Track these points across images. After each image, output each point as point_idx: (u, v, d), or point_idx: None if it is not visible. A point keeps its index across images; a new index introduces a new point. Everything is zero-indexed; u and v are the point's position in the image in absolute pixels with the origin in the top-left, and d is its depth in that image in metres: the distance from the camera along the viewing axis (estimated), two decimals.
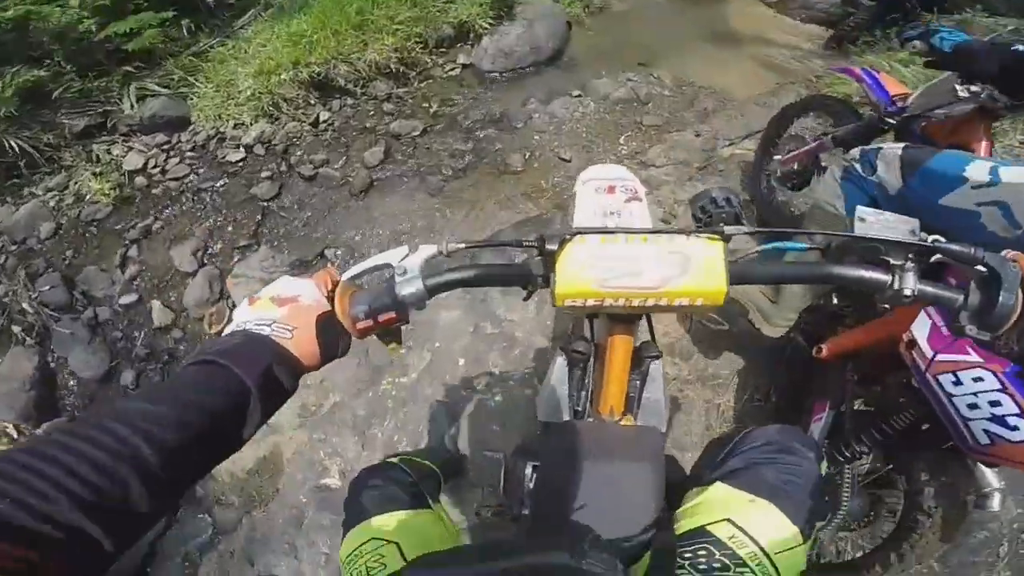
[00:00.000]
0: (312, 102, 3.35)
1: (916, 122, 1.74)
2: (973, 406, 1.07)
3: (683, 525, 0.72)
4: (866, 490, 1.47)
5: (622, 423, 0.90)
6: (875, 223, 0.62)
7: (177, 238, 2.83)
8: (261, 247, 2.72)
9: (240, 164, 3.11)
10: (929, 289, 0.59)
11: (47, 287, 2.77)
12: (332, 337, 0.64)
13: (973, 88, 1.52)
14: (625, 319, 0.82)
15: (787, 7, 4.92)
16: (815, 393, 1.55)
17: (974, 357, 1.06)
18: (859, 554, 1.51)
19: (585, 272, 0.64)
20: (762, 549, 0.65)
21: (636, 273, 0.64)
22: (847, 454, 1.36)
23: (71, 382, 2.64)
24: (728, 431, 0.91)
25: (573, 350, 0.98)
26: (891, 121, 1.80)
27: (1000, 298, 0.54)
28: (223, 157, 3.12)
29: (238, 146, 3.19)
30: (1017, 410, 1.01)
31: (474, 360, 2.25)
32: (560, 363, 1.04)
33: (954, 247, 0.58)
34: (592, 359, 1.03)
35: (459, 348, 2.28)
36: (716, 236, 0.64)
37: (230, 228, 2.82)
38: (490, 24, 3.73)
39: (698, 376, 2.16)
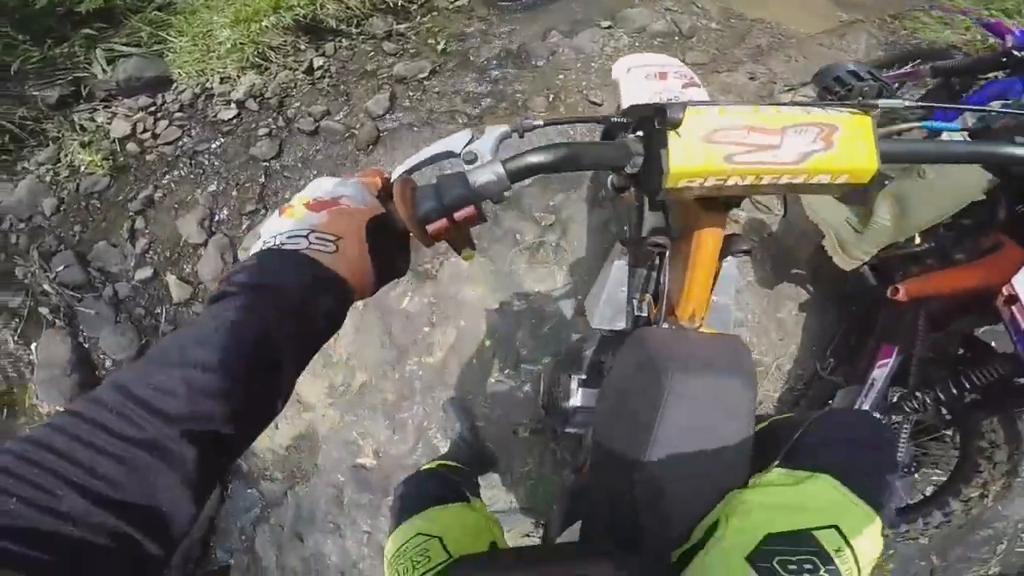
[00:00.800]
0: (302, 47, 3.05)
1: None
2: None
3: (780, 520, 0.60)
4: (913, 440, 1.45)
5: (702, 330, 0.80)
6: None
7: (182, 206, 2.73)
8: (268, 212, 2.61)
9: (234, 122, 2.91)
10: None
11: (62, 266, 2.72)
12: (389, 249, 0.52)
13: None
14: (720, 206, 0.71)
15: None
16: (881, 335, 1.50)
17: None
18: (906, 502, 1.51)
19: (708, 145, 0.55)
20: (859, 567, 0.59)
21: (772, 147, 0.55)
22: (912, 404, 1.31)
23: (107, 362, 2.65)
24: (798, 414, 0.84)
25: (652, 243, 0.83)
26: (1017, 54, 1.55)
27: None
28: (215, 116, 2.92)
29: (229, 102, 2.97)
30: None
31: (501, 340, 2.22)
32: (619, 264, 0.95)
33: None
34: (662, 257, 0.91)
35: (486, 328, 2.24)
36: (865, 111, 0.57)
37: (234, 193, 2.69)
38: None
39: (757, 323, 2.13)
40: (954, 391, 1.25)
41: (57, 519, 0.33)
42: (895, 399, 1.37)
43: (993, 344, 1.29)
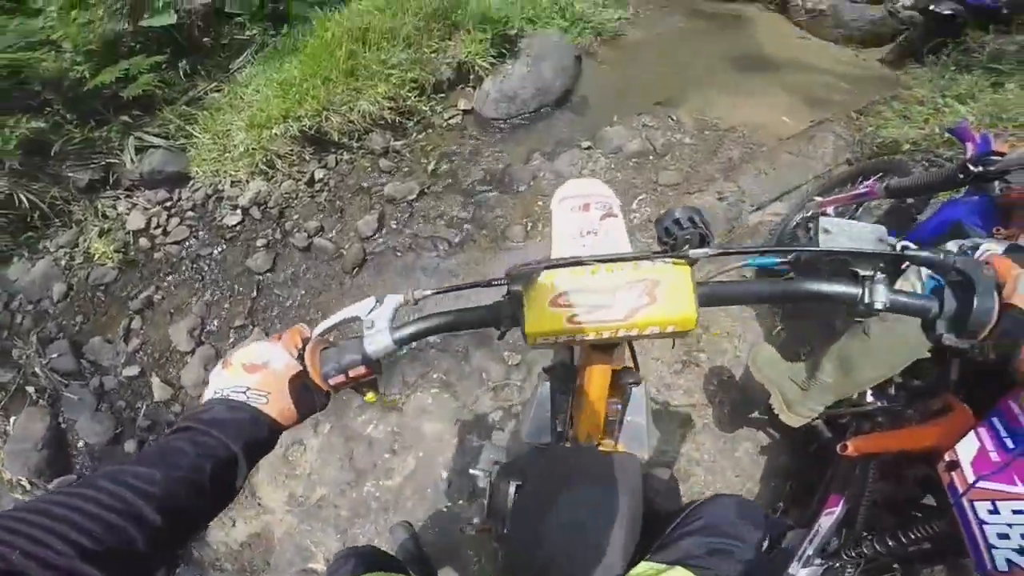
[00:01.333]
0: (307, 158, 3.25)
1: (1000, 184, 1.50)
2: (1004, 536, 1.05)
3: None
4: None
5: (601, 447, 0.91)
6: (840, 234, 0.62)
7: (177, 312, 2.86)
8: (255, 329, 2.73)
9: (237, 228, 3.08)
10: (901, 299, 0.57)
11: (56, 354, 2.88)
12: (307, 395, 0.68)
13: None
14: (602, 347, 0.81)
15: (819, 27, 4.54)
16: (831, 485, 1.51)
17: (1021, 488, 1.02)
18: None
19: (552, 310, 0.65)
20: None
21: (604, 306, 0.64)
22: (856, 552, 1.33)
23: (80, 444, 2.76)
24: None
25: (554, 376, 0.99)
26: (972, 169, 1.49)
27: (975, 304, 0.52)
28: (221, 220, 3.09)
29: (235, 207, 3.15)
30: None
31: (458, 473, 2.26)
32: (544, 388, 1.07)
33: (924, 253, 0.57)
34: (573, 384, 1.01)
35: (443, 461, 2.29)
36: (681, 260, 0.64)
37: (227, 305, 2.82)
38: (492, 63, 3.49)
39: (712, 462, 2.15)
40: (901, 539, 1.25)
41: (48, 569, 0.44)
42: (838, 546, 1.38)
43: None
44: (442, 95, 3.54)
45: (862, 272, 0.57)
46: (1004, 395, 1.10)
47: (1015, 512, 1.01)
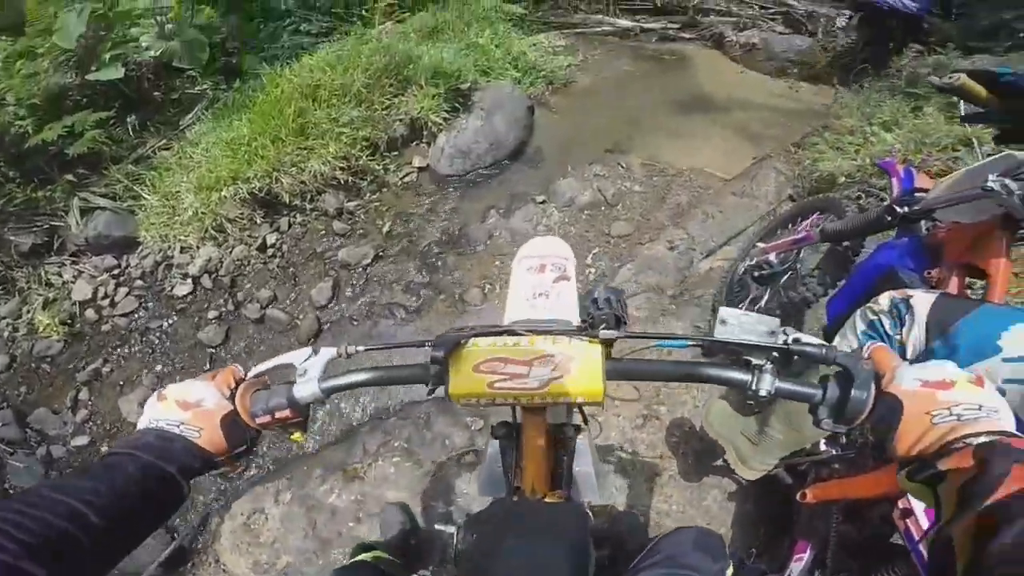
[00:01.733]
0: (258, 221, 3.21)
1: (925, 223, 1.49)
2: None
3: None
4: None
5: (548, 499, 0.94)
6: (736, 325, 0.67)
7: (127, 384, 2.79)
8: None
9: (188, 299, 3.02)
10: (787, 387, 0.63)
11: (1, 423, 2.79)
12: (237, 430, 0.73)
13: (1010, 182, 1.13)
14: (532, 408, 0.85)
15: (753, 60, 4.79)
16: (797, 532, 1.54)
17: None
18: None
19: (475, 375, 0.71)
20: None
21: (521, 375, 0.70)
22: None
23: None
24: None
25: (499, 433, 1.03)
26: (898, 210, 1.46)
27: (852, 394, 0.58)
28: (171, 289, 3.03)
29: (186, 276, 3.08)
30: None
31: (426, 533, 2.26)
32: (494, 444, 1.11)
33: (809, 348, 0.63)
34: (517, 440, 1.06)
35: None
36: (595, 339, 0.70)
37: (178, 377, 2.75)
38: (445, 118, 3.51)
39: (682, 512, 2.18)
40: None
41: None
42: None
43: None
44: (396, 153, 3.55)
45: (754, 361, 0.64)
46: None
47: None
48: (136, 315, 2.99)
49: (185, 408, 0.72)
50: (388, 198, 3.38)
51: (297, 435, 0.79)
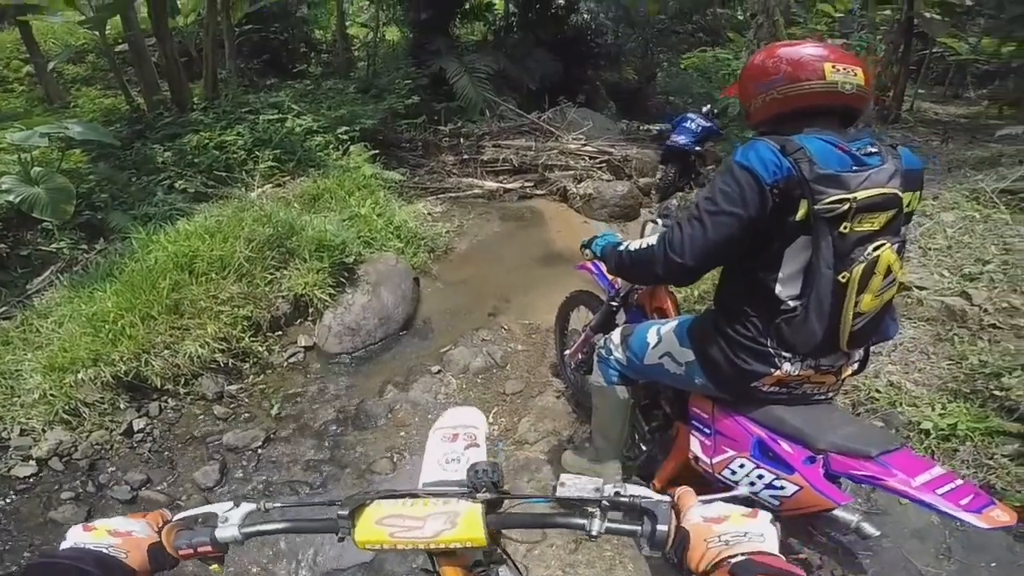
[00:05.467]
0: (122, 406, 2.91)
1: (630, 296, 2.27)
2: (752, 483, 1.42)
3: None
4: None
5: None
6: (571, 486, 0.84)
7: None
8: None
9: (32, 480, 2.61)
10: (614, 526, 0.81)
11: None
12: (161, 557, 0.84)
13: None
14: (450, 552, 0.95)
15: (591, 209, 5.91)
16: None
17: (730, 452, 1.48)
18: None
19: (377, 527, 0.86)
20: None
21: (417, 528, 0.85)
22: None
23: None
24: None
25: (423, 573, 1.10)
26: (614, 304, 2.30)
27: (657, 529, 0.77)
28: (8, 470, 2.61)
29: (28, 458, 2.71)
30: (775, 476, 1.37)
31: None
32: None
33: (623, 499, 0.81)
34: None
35: None
36: (476, 501, 0.88)
37: (26, 554, 2.33)
38: (331, 295, 3.57)
39: None
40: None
41: None
42: None
43: None
44: (280, 332, 3.49)
45: (589, 509, 0.83)
46: (686, 406, 1.68)
47: (740, 466, 1.45)
48: None
49: (115, 535, 0.81)
50: (274, 379, 3.28)
51: (216, 567, 0.91)
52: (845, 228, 1.27)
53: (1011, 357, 2.43)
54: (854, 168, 1.27)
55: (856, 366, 1.52)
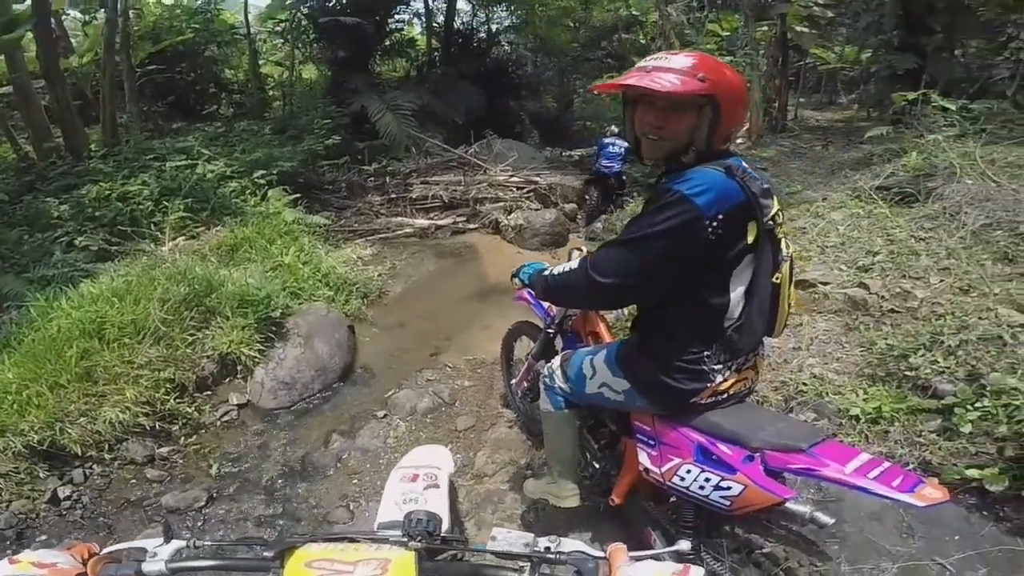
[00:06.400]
0: (41, 475, 2.63)
1: (565, 322, 2.30)
2: (701, 487, 1.43)
3: None
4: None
5: None
6: (503, 540, 0.86)
7: None
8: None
9: None
10: None
11: None
12: None
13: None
14: None
15: (523, 239, 6.08)
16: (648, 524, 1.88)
17: (675, 460, 1.50)
18: None
19: (306, 569, 0.82)
20: None
21: (347, 573, 0.81)
22: None
23: None
24: None
25: None
26: (550, 331, 2.34)
27: None
28: None
29: None
30: (720, 478, 1.39)
31: None
32: None
33: (551, 555, 0.82)
34: None
35: None
36: (410, 549, 0.86)
37: None
38: (260, 351, 3.38)
39: None
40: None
41: None
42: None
43: None
44: (208, 392, 3.27)
45: (521, 563, 0.83)
46: (629, 421, 1.70)
47: (688, 472, 1.46)
48: None
49: (40, 567, 0.80)
50: (208, 439, 3.06)
51: None
52: (779, 234, 1.35)
53: (912, 338, 2.62)
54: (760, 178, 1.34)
55: (763, 354, 1.62)
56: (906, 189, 4.12)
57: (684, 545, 1.39)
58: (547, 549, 0.84)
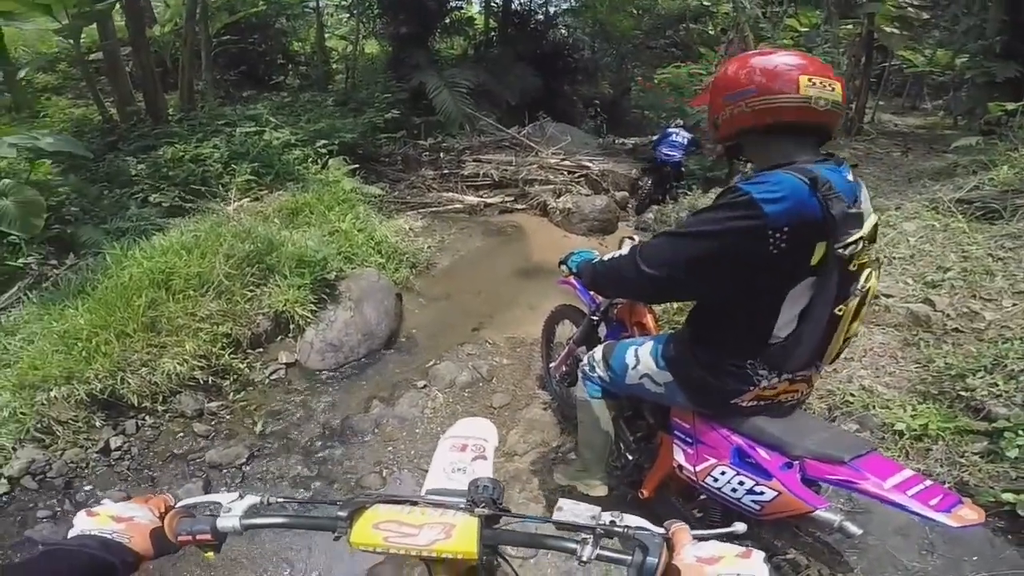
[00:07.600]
0: (97, 424, 2.82)
1: (610, 311, 2.31)
2: (734, 490, 1.44)
3: None
4: None
5: None
6: (568, 511, 0.85)
7: None
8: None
9: (4, 499, 2.52)
10: (605, 553, 0.80)
11: None
12: (163, 542, 0.85)
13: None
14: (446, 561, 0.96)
15: (570, 223, 6.01)
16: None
17: (711, 460, 1.50)
18: None
19: (374, 531, 0.85)
20: None
21: (412, 535, 0.84)
22: None
23: None
24: None
25: None
26: (594, 318, 2.35)
27: (647, 561, 0.76)
28: None
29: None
30: (754, 482, 1.39)
31: None
32: None
33: (618, 528, 0.82)
34: None
35: None
36: (475, 515, 0.88)
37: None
38: (312, 312, 3.53)
39: None
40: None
41: None
42: None
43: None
44: (260, 349, 3.43)
45: (584, 535, 0.82)
46: (668, 417, 1.70)
47: (722, 473, 1.46)
48: None
49: (119, 521, 0.84)
50: (255, 396, 3.20)
51: (210, 554, 0.91)
52: (853, 266, 1.25)
53: (974, 359, 2.51)
54: (857, 200, 1.24)
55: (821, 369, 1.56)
56: (990, 204, 3.86)
57: (740, 527, 1.42)
58: (612, 523, 0.83)
